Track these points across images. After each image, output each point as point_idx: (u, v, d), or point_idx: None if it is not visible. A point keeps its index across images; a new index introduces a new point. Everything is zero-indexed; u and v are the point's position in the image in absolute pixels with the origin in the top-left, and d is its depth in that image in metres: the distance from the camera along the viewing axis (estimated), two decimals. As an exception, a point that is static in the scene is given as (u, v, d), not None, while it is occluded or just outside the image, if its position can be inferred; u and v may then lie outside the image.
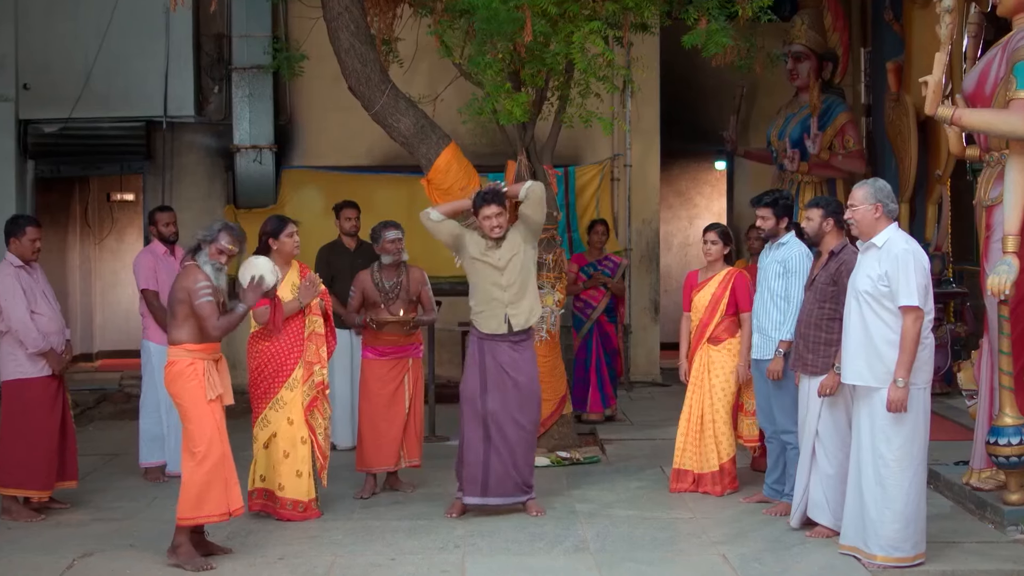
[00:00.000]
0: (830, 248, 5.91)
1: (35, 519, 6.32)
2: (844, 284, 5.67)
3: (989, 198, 6.21)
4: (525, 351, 6.34)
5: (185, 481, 5.43)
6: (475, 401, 6.27)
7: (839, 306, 5.68)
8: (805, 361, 5.86)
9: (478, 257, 6.26)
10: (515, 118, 6.97)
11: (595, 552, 5.65)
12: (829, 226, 5.91)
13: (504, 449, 6.24)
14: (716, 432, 6.70)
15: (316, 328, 6.35)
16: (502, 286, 6.24)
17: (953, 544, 5.64)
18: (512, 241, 6.27)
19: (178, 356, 5.46)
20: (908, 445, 5.23)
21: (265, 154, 10.55)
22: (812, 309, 5.87)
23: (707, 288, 6.76)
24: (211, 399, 5.44)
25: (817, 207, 5.95)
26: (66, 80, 10.15)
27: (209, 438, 5.41)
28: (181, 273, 5.51)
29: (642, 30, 7.70)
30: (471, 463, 6.26)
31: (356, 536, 5.97)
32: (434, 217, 6.39)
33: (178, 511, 5.44)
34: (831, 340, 5.74)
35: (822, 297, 5.84)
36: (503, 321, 6.25)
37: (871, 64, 11.17)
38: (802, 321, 5.94)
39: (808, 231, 5.99)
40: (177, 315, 5.45)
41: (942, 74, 5.99)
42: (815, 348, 5.81)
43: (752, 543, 5.75)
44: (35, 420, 6.38)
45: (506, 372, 6.26)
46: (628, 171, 10.96)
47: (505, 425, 6.25)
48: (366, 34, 7.52)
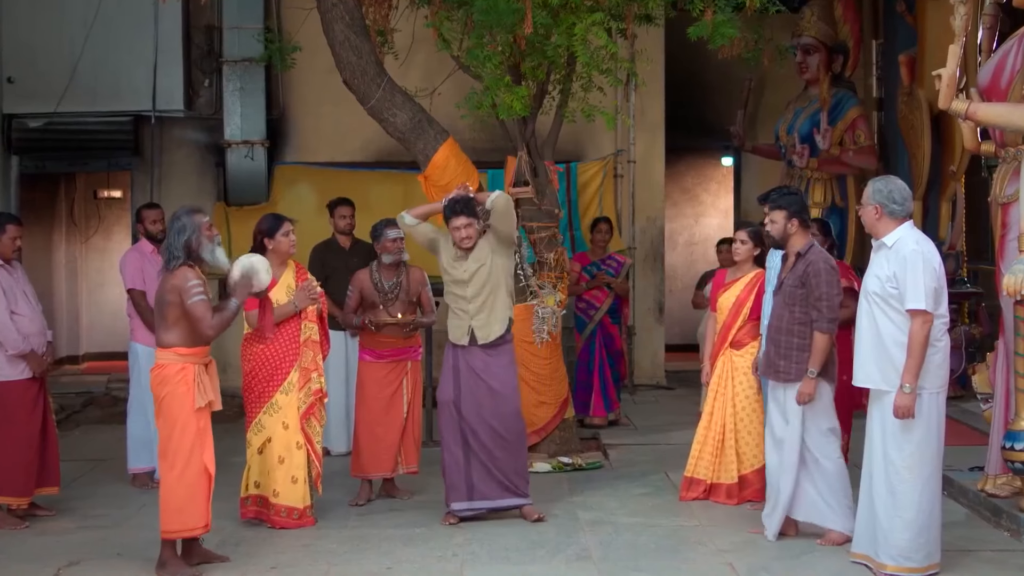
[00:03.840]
0: (796, 250, 5.87)
1: (19, 527, 6.31)
2: (813, 286, 5.69)
3: (1005, 195, 6.22)
4: (500, 356, 6.33)
5: (164, 493, 5.38)
6: (450, 406, 6.28)
7: (809, 309, 5.70)
8: (777, 368, 5.85)
9: (446, 267, 6.30)
10: (515, 112, 6.98)
11: (598, 561, 5.65)
12: (794, 227, 5.87)
13: (483, 453, 6.26)
14: (739, 441, 6.66)
15: (312, 335, 6.34)
16: (466, 298, 6.25)
17: (968, 552, 5.64)
18: (480, 252, 6.25)
19: (168, 360, 5.40)
20: (920, 451, 5.22)
21: (257, 150, 10.54)
22: (782, 314, 5.85)
23: (732, 290, 6.73)
24: (200, 406, 5.39)
25: (779, 209, 5.90)
26: (51, 73, 10.14)
27: (190, 448, 5.34)
28: (169, 274, 5.41)
29: (646, 21, 7.70)
30: (451, 469, 6.28)
31: (351, 545, 5.96)
32: (408, 221, 6.40)
33: (161, 524, 5.40)
34: (804, 345, 5.74)
35: (791, 301, 5.81)
36: (466, 332, 6.27)
37: (883, 57, 11.17)
38: (772, 327, 5.93)
39: (773, 234, 5.96)
40: (167, 317, 5.39)
41: (956, 67, 5.99)
42: (787, 354, 5.80)
43: (760, 551, 5.75)
44: (15, 424, 6.37)
45: (479, 377, 6.27)
46: (632, 167, 10.96)
47: (480, 430, 6.26)
48: (361, 25, 7.52)
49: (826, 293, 5.70)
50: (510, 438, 6.31)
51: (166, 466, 5.39)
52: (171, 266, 5.41)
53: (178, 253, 5.40)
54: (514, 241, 6.55)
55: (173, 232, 5.43)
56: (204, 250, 5.44)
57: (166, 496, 5.37)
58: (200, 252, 5.43)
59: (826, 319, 5.70)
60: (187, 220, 5.43)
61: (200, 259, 5.45)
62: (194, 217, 5.45)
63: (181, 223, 5.43)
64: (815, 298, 5.71)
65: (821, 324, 5.70)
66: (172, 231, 5.44)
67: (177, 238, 5.40)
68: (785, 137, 10.70)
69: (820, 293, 5.70)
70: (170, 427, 5.38)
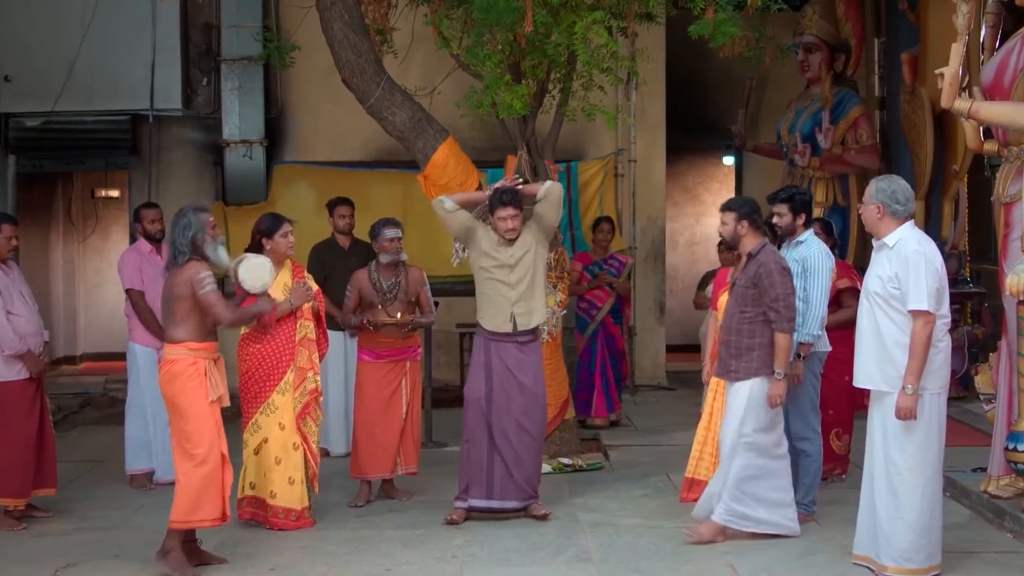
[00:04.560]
0: (748, 250, 5.90)
1: (16, 528, 6.31)
2: (767, 287, 5.72)
3: (1008, 195, 6.22)
4: (532, 353, 6.36)
5: (182, 484, 5.40)
6: (480, 403, 6.28)
7: (761, 309, 5.74)
8: (729, 367, 5.89)
9: (489, 252, 6.29)
10: (515, 111, 6.98)
11: (598, 562, 5.65)
12: (744, 229, 5.90)
13: (508, 453, 6.27)
14: None
15: (308, 333, 6.34)
16: (510, 284, 6.26)
17: (970, 554, 5.64)
18: (524, 239, 6.31)
19: (178, 355, 5.42)
20: (922, 452, 5.21)
21: (255, 149, 10.55)
22: (734, 314, 5.89)
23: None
24: (212, 400, 5.43)
25: (729, 210, 5.95)
26: (49, 72, 10.14)
27: (210, 440, 5.39)
28: (178, 269, 5.44)
29: (647, 20, 7.70)
30: (476, 466, 6.28)
31: (350, 546, 5.96)
32: (448, 206, 6.40)
33: (172, 514, 5.42)
34: (754, 345, 5.78)
35: (743, 301, 5.84)
36: (508, 319, 6.27)
37: (885, 55, 11.18)
38: (724, 327, 5.98)
39: (724, 235, 6.01)
40: (176, 312, 5.43)
41: (959, 65, 6.00)
42: (738, 354, 5.83)
43: (762, 553, 5.74)
44: (12, 425, 6.36)
45: (512, 374, 6.28)
46: (633, 167, 10.97)
47: (509, 429, 6.27)
48: (360, 24, 7.53)
49: (781, 294, 5.74)
50: (535, 434, 6.34)
51: (183, 458, 5.41)
52: (178, 261, 5.45)
53: (184, 248, 5.45)
54: (552, 234, 6.59)
55: (178, 228, 5.48)
56: (207, 248, 5.49)
57: (183, 488, 5.38)
58: (203, 249, 5.48)
59: (785, 319, 5.75)
60: (193, 217, 5.49)
61: (203, 256, 5.49)
62: (200, 215, 5.51)
63: (187, 219, 5.48)
64: (771, 299, 5.74)
65: (781, 325, 5.74)
66: (177, 227, 5.49)
67: (183, 234, 5.45)
68: (787, 136, 10.71)
69: (776, 295, 5.74)
70: (185, 421, 5.40)
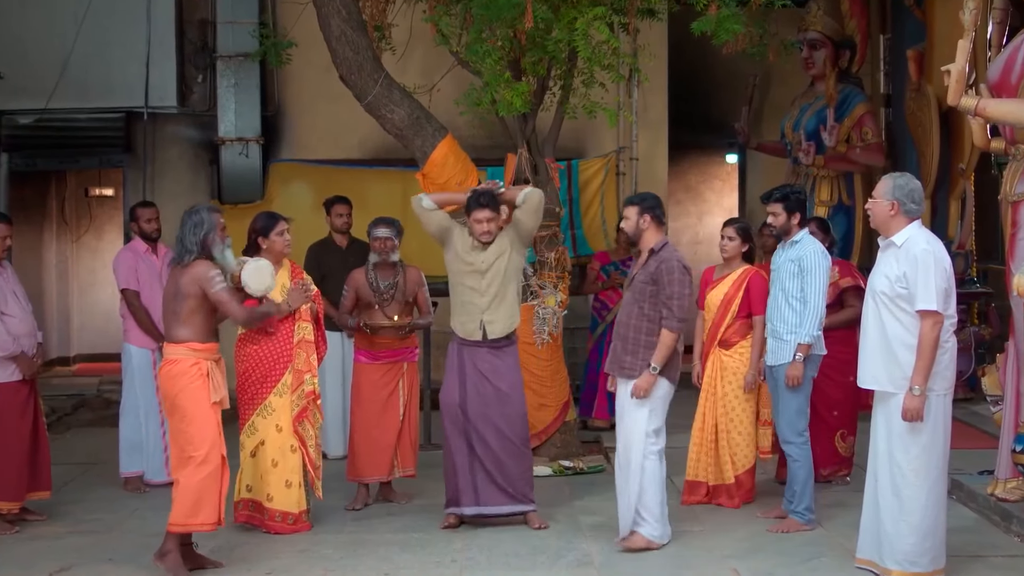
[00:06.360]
0: (649, 246, 5.91)
1: (9, 532, 6.32)
2: (664, 283, 5.74)
3: (1015, 193, 6.22)
4: (507, 357, 6.33)
5: (182, 486, 5.41)
6: (454, 409, 6.27)
7: (658, 306, 5.76)
8: (623, 363, 5.89)
9: (461, 255, 6.26)
10: (515, 109, 6.98)
11: (600, 567, 5.65)
12: (646, 223, 5.91)
13: (488, 459, 6.25)
14: (731, 443, 6.69)
15: (306, 335, 6.34)
16: (480, 291, 6.22)
17: (977, 558, 5.65)
18: (499, 244, 6.24)
19: (180, 355, 5.43)
20: (926, 454, 5.21)
21: (251, 147, 10.54)
22: (631, 310, 5.89)
23: (720, 287, 6.76)
24: (215, 401, 5.44)
25: (632, 205, 5.97)
26: (42, 69, 10.14)
27: (212, 441, 5.40)
28: (185, 268, 5.44)
29: (649, 16, 7.71)
30: (459, 473, 6.27)
31: (348, 550, 5.97)
32: (426, 204, 6.37)
33: (171, 516, 5.42)
34: (651, 343, 5.79)
35: (640, 297, 5.85)
36: (478, 327, 6.25)
37: (891, 52, 11.17)
38: (620, 322, 5.97)
39: (626, 230, 6.01)
40: (180, 311, 5.43)
41: (965, 62, 6.00)
42: (634, 350, 5.84)
43: (765, 557, 5.75)
44: (5, 427, 6.37)
45: (486, 379, 6.26)
46: (634, 165, 10.96)
47: (487, 434, 6.25)
48: (358, 20, 7.54)
49: (677, 292, 5.76)
50: (517, 442, 6.30)
51: (183, 460, 5.42)
52: (185, 260, 5.46)
53: (193, 248, 5.47)
54: (530, 241, 6.56)
55: (189, 226, 5.49)
56: (215, 249, 5.51)
57: (183, 490, 5.39)
58: (211, 250, 5.49)
59: (676, 318, 5.77)
60: (207, 216, 5.52)
61: (210, 257, 5.51)
62: (213, 215, 5.55)
63: (200, 217, 5.50)
64: (666, 296, 5.76)
65: (671, 323, 5.77)
66: (188, 225, 5.50)
67: (194, 232, 5.48)
68: (791, 134, 10.70)
69: (671, 292, 5.76)
70: (188, 422, 5.41)
